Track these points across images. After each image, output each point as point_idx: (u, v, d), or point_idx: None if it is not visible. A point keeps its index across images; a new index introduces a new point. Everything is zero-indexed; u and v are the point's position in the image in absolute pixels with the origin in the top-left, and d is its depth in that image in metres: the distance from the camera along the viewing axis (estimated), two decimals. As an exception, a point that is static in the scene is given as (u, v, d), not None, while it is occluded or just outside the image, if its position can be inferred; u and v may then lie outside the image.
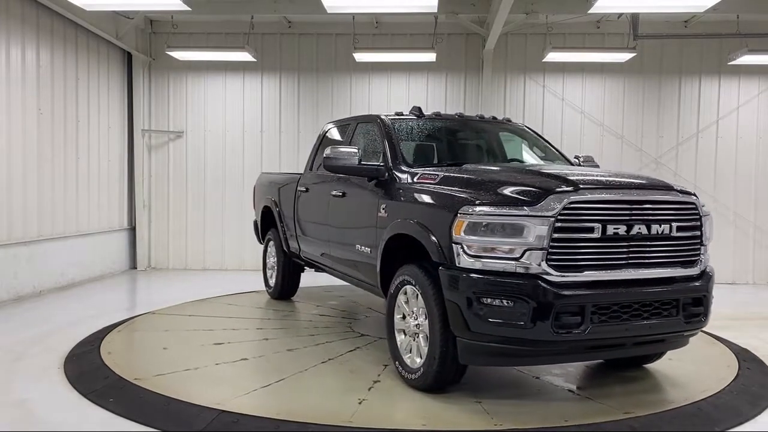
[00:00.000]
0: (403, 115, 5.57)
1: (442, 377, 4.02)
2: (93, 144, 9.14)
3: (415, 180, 4.52)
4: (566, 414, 3.86)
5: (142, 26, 9.94)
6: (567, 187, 3.71)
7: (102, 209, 9.40)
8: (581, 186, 3.72)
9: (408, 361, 4.26)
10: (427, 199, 4.19)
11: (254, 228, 8.05)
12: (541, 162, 5.60)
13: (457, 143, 5.72)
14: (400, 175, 4.72)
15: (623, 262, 3.75)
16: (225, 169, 10.20)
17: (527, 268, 3.59)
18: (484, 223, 3.66)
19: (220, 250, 10.18)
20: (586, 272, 3.66)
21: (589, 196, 3.68)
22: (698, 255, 4.01)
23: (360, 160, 4.87)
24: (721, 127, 9.77)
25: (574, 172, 4.12)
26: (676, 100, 9.81)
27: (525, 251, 3.58)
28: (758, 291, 8.99)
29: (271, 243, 7.39)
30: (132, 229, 10.28)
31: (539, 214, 3.58)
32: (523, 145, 5.86)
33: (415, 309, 4.21)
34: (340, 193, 5.45)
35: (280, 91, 10.23)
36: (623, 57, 9.19)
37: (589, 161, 5.72)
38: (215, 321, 6.16)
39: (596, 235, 3.66)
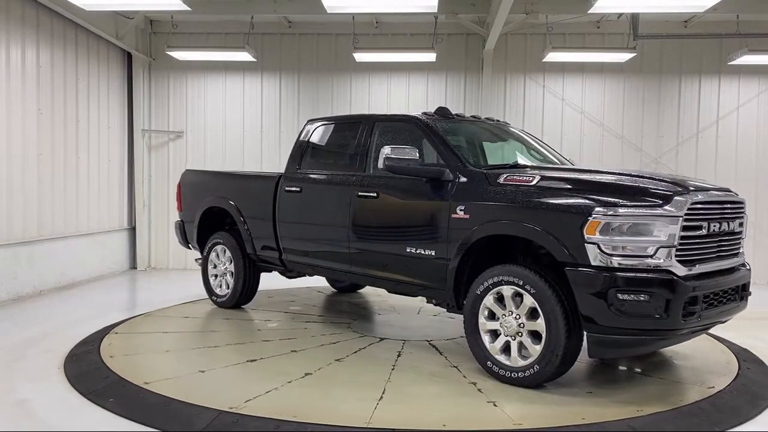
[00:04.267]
0: (430, 115, 5.50)
1: (559, 373, 4.21)
2: (93, 144, 9.14)
3: (501, 181, 4.50)
4: (681, 397, 4.21)
5: (142, 26, 9.94)
6: (682, 189, 4.09)
7: (102, 209, 9.40)
8: (691, 188, 4.14)
9: (506, 360, 4.35)
10: (540, 201, 4.21)
11: (178, 230, 7.40)
12: (558, 162, 5.80)
13: (485, 144, 5.70)
14: (472, 176, 4.69)
15: (714, 255, 4.24)
16: (225, 169, 10.19)
17: (660, 264, 3.88)
18: (620, 224, 3.89)
19: (220, 250, 10.16)
20: (697, 266, 4.06)
21: (701, 198, 4.12)
22: (742, 247, 4.63)
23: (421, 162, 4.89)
24: (721, 127, 9.76)
25: (664, 175, 4.53)
26: (676, 100, 9.81)
27: (658, 248, 3.87)
28: (758, 291, 8.97)
29: (219, 247, 6.82)
30: (132, 229, 10.28)
31: (672, 214, 3.91)
32: (532, 146, 5.93)
33: (514, 309, 4.29)
34: (373, 194, 5.27)
35: (280, 91, 10.23)
36: (623, 57, 9.19)
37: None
38: (207, 335, 5.80)
39: (704, 232, 4.11)
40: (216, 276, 6.94)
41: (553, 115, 9.91)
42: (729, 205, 4.36)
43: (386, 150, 4.88)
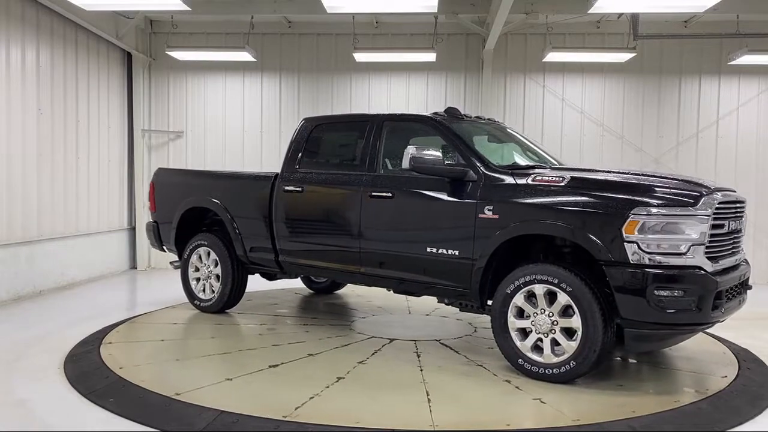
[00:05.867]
0: (440, 115, 5.47)
1: (594, 367, 4.32)
2: (93, 144, 9.14)
3: (530, 182, 4.58)
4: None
5: (142, 26, 9.95)
6: (707, 190, 4.27)
7: (102, 209, 9.40)
8: (714, 189, 4.34)
9: (538, 357, 4.44)
10: (576, 201, 4.33)
11: (151, 232, 7.08)
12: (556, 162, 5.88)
13: (489, 145, 5.69)
14: (499, 176, 4.74)
15: (729, 252, 4.46)
16: (228, 170, 10.18)
17: (692, 261, 4.08)
18: (656, 223, 4.07)
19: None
20: (719, 262, 4.27)
21: (723, 197, 4.32)
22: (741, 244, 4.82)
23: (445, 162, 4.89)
24: (721, 127, 9.76)
25: (682, 176, 4.76)
26: (676, 100, 9.81)
27: (691, 246, 4.07)
28: (758, 291, 8.96)
29: (203, 250, 6.56)
30: (132, 229, 10.27)
31: (703, 213, 4.11)
32: (530, 148, 5.94)
33: (546, 307, 4.39)
34: (387, 195, 5.21)
35: (280, 91, 10.23)
36: (623, 57, 9.19)
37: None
38: (209, 342, 5.53)
39: (725, 230, 4.34)
40: (198, 279, 6.63)
41: (553, 115, 9.90)
42: (739, 204, 4.61)
43: (411, 150, 4.84)
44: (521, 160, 5.60)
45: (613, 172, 4.77)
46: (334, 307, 7.20)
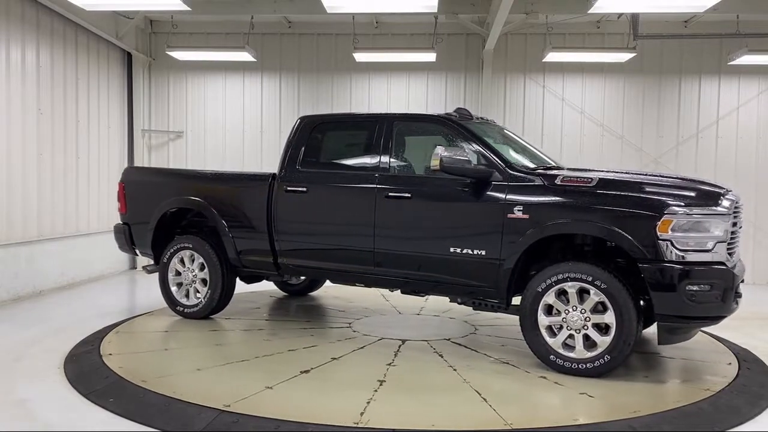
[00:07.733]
0: (449, 116, 5.45)
1: (625, 361, 4.52)
2: (93, 144, 9.14)
3: (558, 182, 4.67)
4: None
5: (142, 26, 9.95)
6: (724, 190, 4.53)
7: (102, 209, 9.39)
8: (727, 189, 4.59)
9: (569, 353, 4.55)
10: (609, 201, 4.46)
11: (122, 234, 6.64)
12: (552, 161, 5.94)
13: (495, 144, 5.69)
14: (525, 176, 4.81)
15: (735, 250, 4.63)
16: (225, 169, 10.16)
17: (717, 257, 4.30)
18: (687, 222, 4.28)
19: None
20: (732, 258, 4.49)
21: (734, 197, 4.54)
22: None
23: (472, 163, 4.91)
24: (721, 127, 9.76)
25: (687, 177, 5.05)
26: (676, 100, 9.81)
27: (716, 243, 4.29)
28: (758, 291, 9.00)
29: (186, 253, 6.22)
30: (132, 229, 10.27)
31: (726, 212, 4.35)
32: (528, 149, 5.96)
33: (578, 304, 4.51)
34: (405, 195, 5.16)
35: (280, 91, 10.24)
36: (623, 57, 9.19)
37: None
38: (217, 349, 5.26)
39: (738, 228, 4.61)
40: (181, 284, 6.31)
41: (553, 115, 9.91)
42: (740, 204, 4.76)
43: (440, 150, 4.83)
44: (522, 162, 5.61)
45: (632, 173, 4.92)
46: (320, 309, 7.11)
